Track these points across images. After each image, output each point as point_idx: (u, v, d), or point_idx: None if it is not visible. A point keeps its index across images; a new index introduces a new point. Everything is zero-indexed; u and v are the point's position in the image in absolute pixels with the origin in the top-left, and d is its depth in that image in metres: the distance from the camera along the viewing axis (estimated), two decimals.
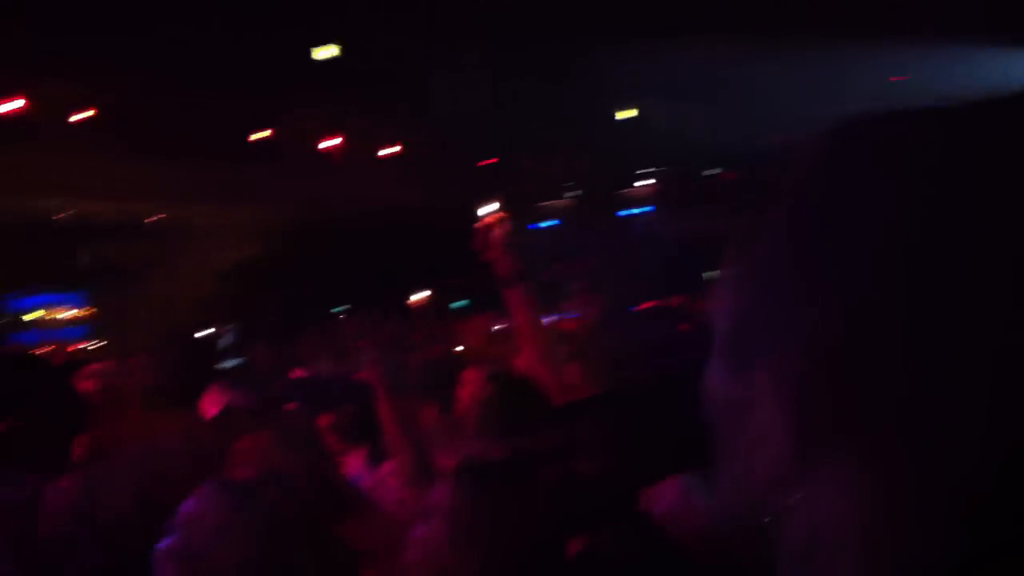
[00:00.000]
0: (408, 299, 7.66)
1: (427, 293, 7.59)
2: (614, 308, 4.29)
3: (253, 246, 12.04)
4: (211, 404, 2.69)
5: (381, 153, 12.11)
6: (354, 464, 3.17)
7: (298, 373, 4.75)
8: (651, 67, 11.60)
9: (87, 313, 12.04)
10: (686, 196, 14.25)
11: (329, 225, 12.32)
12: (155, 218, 11.36)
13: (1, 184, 9.44)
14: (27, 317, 11.48)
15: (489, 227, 2.48)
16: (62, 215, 10.76)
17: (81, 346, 10.22)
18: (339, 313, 12.72)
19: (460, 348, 5.64)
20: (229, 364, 2.23)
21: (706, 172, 14.34)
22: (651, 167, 14.56)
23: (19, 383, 2.14)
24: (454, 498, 1.50)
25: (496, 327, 5.35)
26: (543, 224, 16.17)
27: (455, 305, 11.44)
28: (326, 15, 10.19)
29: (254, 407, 2.17)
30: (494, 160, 12.71)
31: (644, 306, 8.37)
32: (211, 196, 10.97)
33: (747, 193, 13.66)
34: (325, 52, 11.69)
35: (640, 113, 13.69)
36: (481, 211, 2.49)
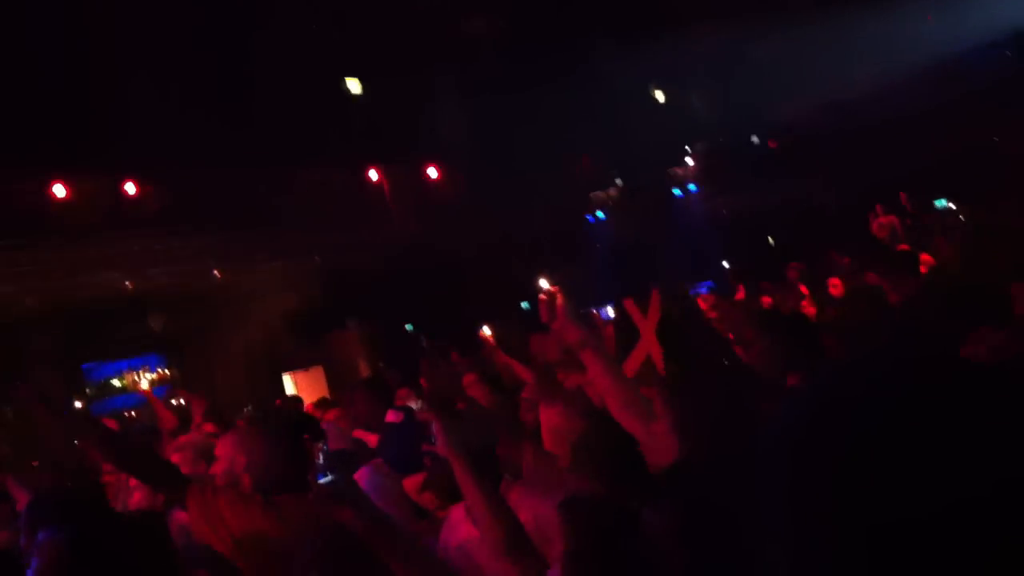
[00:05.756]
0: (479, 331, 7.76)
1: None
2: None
3: (311, 297, 12.19)
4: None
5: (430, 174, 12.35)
6: (456, 518, 3.20)
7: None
8: (678, 50, 11.57)
9: (169, 375, 12.47)
10: (729, 170, 13.99)
11: (387, 270, 12.44)
12: (219, 280, 11.67)
13: (70, 265, 9.92)
14: (115, 382, 12.01)
15: (551, 299, 2.54)
16: (130, 285, 11.12)
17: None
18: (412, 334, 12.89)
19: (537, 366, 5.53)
20: (323, 480, 2.30)
21: (747, 142, 14.09)
22: (687, 146, 14.40)
23: None
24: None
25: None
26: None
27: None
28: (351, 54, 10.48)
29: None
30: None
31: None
32: (267, 255, 11.33)
33: (787, 162, 13.47)
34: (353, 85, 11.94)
35: (669, 95, 13.57)
36: (542, 284, 2.55)
